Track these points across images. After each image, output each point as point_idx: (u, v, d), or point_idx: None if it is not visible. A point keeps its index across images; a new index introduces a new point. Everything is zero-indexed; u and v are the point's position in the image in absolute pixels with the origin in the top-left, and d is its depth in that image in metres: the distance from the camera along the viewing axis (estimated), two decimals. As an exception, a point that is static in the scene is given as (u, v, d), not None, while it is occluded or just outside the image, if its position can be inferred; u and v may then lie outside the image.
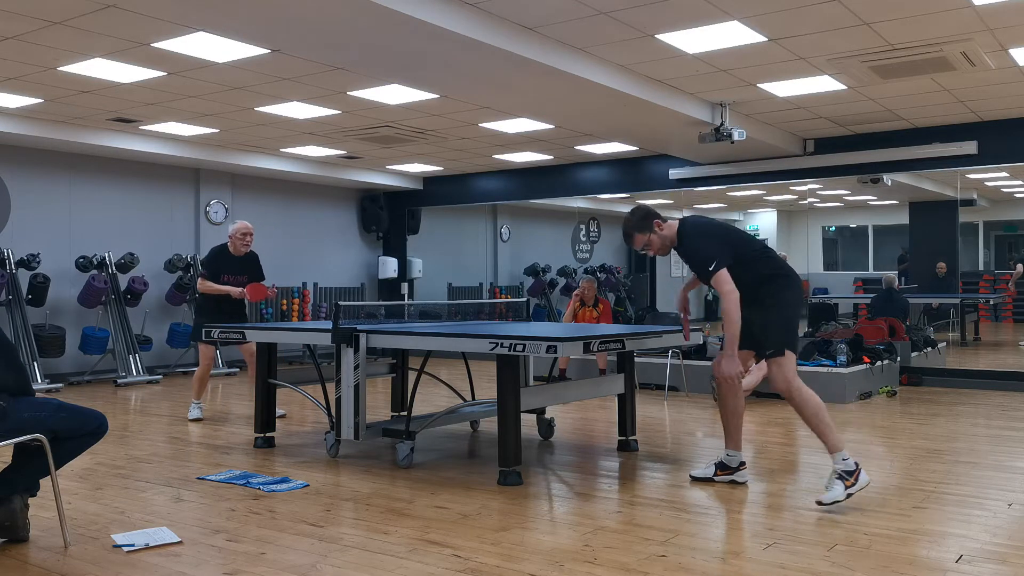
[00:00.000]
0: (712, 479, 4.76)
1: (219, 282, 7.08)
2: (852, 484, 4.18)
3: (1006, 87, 7.64)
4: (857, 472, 4.22)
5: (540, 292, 13.96)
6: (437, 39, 5.67)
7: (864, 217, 13.07)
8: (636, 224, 4.66)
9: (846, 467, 4.21)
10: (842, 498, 4.16)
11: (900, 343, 9.37)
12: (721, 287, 4.35)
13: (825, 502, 4.16)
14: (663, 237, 4.64)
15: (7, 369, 3.65)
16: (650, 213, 4.66)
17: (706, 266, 4.41)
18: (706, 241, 4.52)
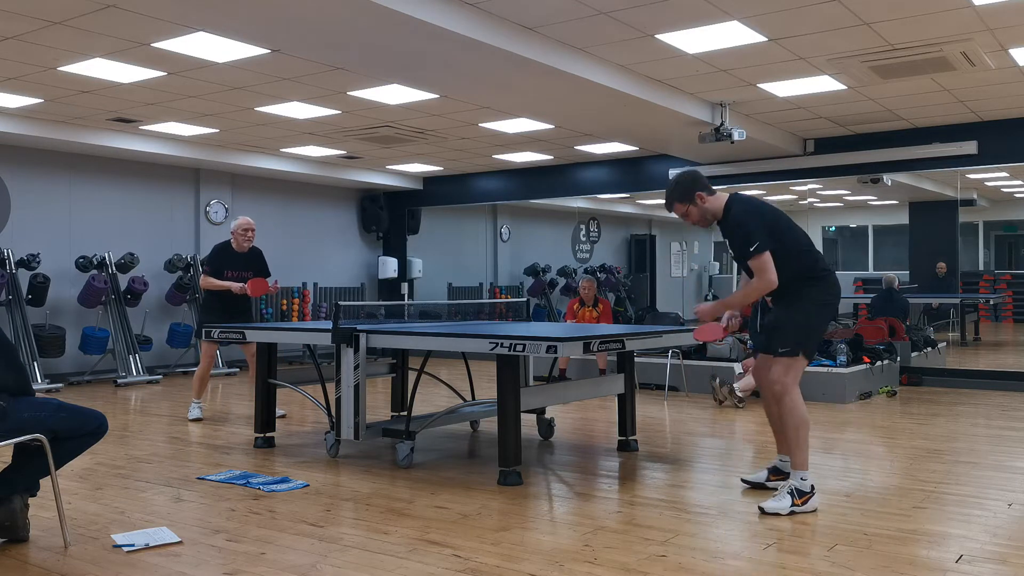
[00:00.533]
0: (764, 484, 4.60)
1: (222, 278, 7.05)
2: (800, 504, 4.11)
3: (1006, 87, 7.64)
4: (809, 496, 4.14)
5: (540, 292, 13.96)
6: (437, 39, 5.67)
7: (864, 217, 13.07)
8: (679, 193, 4.44)
9: (802, 487, 4.16)
10: (784, 513, 4.08)
11: (900, 343, 9.37)
12: (762, 271, 4.13)
13: (767, 510, 4.11)
14: (704, 209, 4.40)
15: (7, 369, 3.65)
16: (695, 184, 4.41)
17: (747, 245, 4.17)
18: (753, 219, 4.23)
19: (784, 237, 4.26)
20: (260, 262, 7.33)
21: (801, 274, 4.27)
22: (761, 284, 4.17)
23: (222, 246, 7.26)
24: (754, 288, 4.21)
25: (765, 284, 4.16)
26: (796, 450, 4.21)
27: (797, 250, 4.28)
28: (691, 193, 4.40)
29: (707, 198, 4.40)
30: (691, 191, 4.40)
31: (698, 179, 4.44)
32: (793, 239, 4.30)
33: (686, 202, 4.42)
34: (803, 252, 4.30)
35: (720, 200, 4.39)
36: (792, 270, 4.22)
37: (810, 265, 4.30)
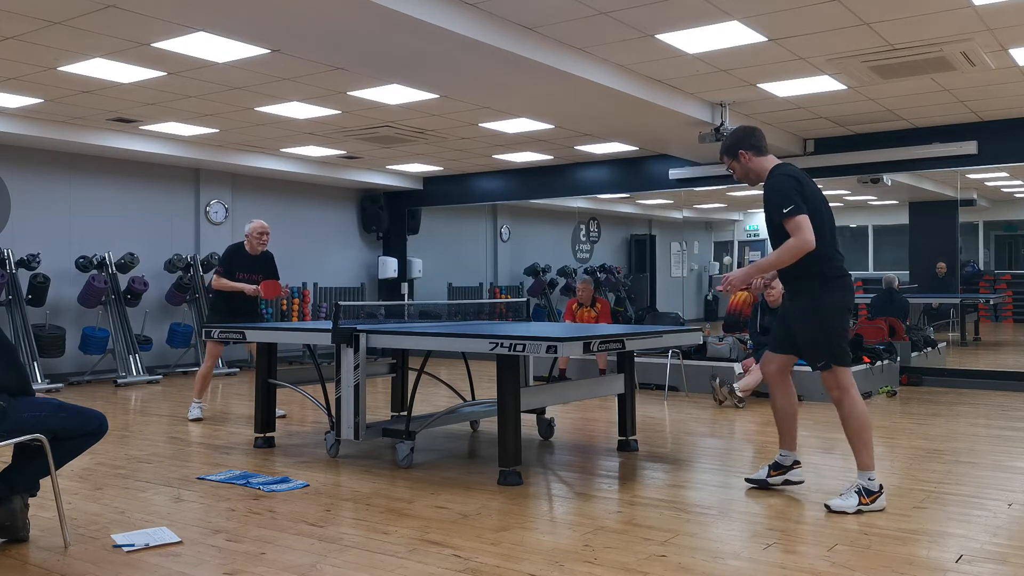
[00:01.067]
0: (766, 481, 4.63)
1: (233, 280, 7.08)
2: (867, 503, 4.14)
3: (1006, 87, 7.64)
4: (877, 495, 4.16)
5: (540, 292, 13.96)
6: (437, 39, 5.67)
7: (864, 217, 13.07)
8: (725, 147, 4.42)
9: (870, 486, 4.17)
10: (851, 511, 4.11)
11: (900, 343, 9.37)
12: (798, 230, 4.00)
13: (833, 508, 4.15)
14: (747, 168, 4.35)
15: (7, 369, 3.65)
16: (741, 142, 4.34)
17: (782, 207, 4.07)
18: (791, 184, 4.14)
19: (817, 219, 4.12)
20: (271, 265, 7.36)
21: (820, 270, 4.17)
22: (797, 243, 4.02)
23: (235, 248, 7.30)
24: (789, 247, 4.06)
25: (802, 243, 4.02)
26: (860, 451, 4.20)
27: (823, 242, 4.14)
28: (735, 149, 4.36)
29: (752, 157, 4.33)
30: (735, 148, 4.36)
31: (747, 137, 4.36)
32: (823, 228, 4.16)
33: (731, 157, 4.38)
34: (828, 247, 4.18)
35: (767, 163, 4.33)
36: (814, 260, 4.11)
37: (829, 262, 4.20)
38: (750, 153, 4.33)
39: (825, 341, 4.23)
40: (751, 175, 4.37)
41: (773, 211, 4.16)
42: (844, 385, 4.22)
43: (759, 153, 4.35)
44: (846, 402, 4.21)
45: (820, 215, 4.18)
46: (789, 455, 4.64)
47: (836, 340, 4.25)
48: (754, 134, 4.37)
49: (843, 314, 4.31)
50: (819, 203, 4.23)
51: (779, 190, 4.15)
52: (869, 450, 4.20)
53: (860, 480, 4.19)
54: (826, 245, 4.16)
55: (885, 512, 4.14)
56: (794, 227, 4.04)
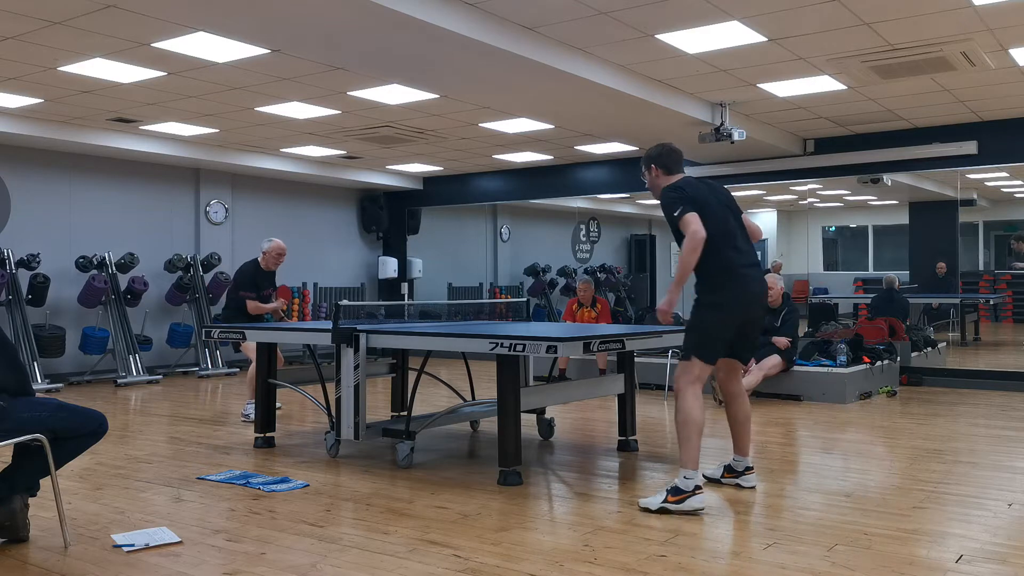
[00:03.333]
0: (720, 480, 4.75)
1: (259, 295, 7.31)
2: (675, 501, 4.08)
3: (1006, 87, 7.64)
4: (687, 496, 4.08)
5: (540, 292, 13.96)
6: (437, 39, 5.67)
7: (864, 217, 13.07)
8: (644, 158, 4.59)
9: (683, 485, 4.10)
10: (654, 508, 4.09)
11: (900, 343, 9.37)
12: (688, 225, 4.13)
13: (641, 504, 4.18)
14: (653, 183, 4.55)
15: (7, 369, 3.65)
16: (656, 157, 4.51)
17: (671, 214, 4.24)
18: (676, 193, 4.30)
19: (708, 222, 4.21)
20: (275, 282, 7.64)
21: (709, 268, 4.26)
22: (689, 241, 4.12)
23: (254, 267, 7.37)
24: (685, 248, 4.15)
25: (693, 239, 4.11)
26: (681, 446, 4.22)
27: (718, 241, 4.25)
28: (648, 163, 4.56)
29: (660, 175, 4.51)
30: (648, 161, 4.56)
31: (661, 156, 4.52)
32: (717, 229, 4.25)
33: (645, 168, 4.59)
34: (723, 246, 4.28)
35: (666, 183, 4.45)
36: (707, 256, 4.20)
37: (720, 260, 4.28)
38: (659, 171, 4.52)
39: (697, 330, 4.33)
40: (655, 190, 4.54)
41: (669, 222, 4.32)
42: (688, 379, 4.27)
43: (667, 173, 4.50)
44: (680, 398, 4.27)
45: (714, 215, 4.29)
46: (741, 461, 4.69)
47: (706, 337, 4.31)
48: (670, 155, 4.53)
49: (723, 313, 4.31)
50: (715, 206, 4.35)
51: (665, 203, 4.33)
52: (690, 448, 4.18)
53: (677, 478, 4.17)
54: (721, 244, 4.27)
55: (885, 512, 4.14)
56: (684, 225, 4.18)
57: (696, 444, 4.20)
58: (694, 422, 4.22)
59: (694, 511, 4.08)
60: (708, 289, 4.32)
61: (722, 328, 4.34)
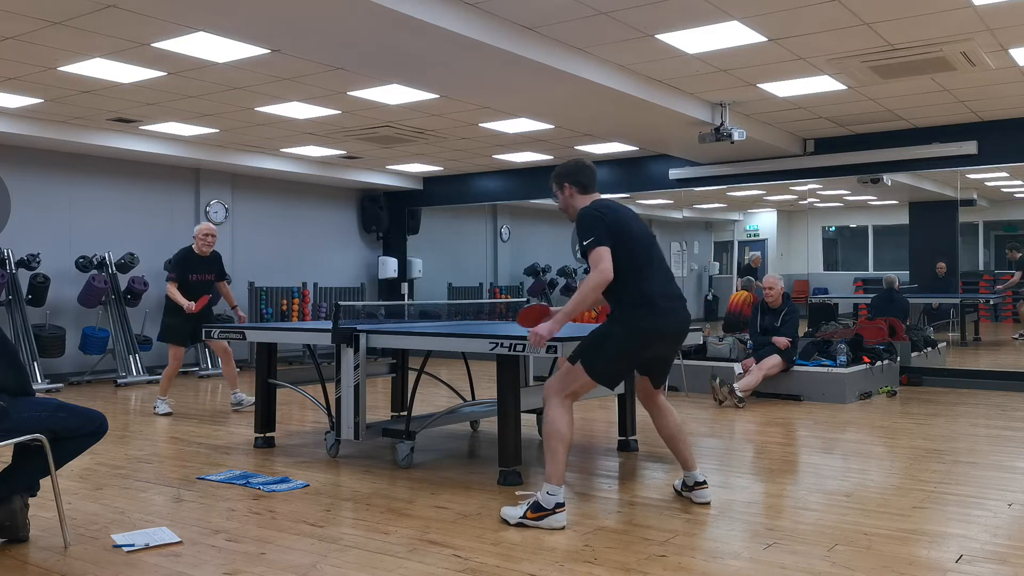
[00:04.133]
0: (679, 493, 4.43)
1: (187, 282, 7.40)
2: (533, 518, 3.88)
3: (1006, 87, 7.65)
4: (548, 514, 3.86)
5: (540, 292, 13.96)
6: (437, 39, 5.67)
7: (864, 217, 13.07)
8: (555, 175, 4.26)
9: (545, 502, 3.88)
10: (513, 521, 3.90)
11: (900, 343, 9.37)
12: (597, 262, 3.84)
13: (503, 515, 3.98)
14: (567, 202, 4.23)
15: (7, 369, 3.65)
16: (570, 175, 4.20)
17: (582, 240, 3.93)
18: (593, 220, 3.97)
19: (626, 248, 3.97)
20: (219, 266, 7.70)
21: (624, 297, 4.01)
22: (595, 277, 3.85)
23: (186, 251, 7.57)
24: (588, 283, 3.88)
25: (599, 276, 3.84)
26: (547, 459, 3.96)
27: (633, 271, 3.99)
28: (561, 180, 4.24)
29: (575, 194, 4.20)
30: (561, 179, 4.23)
31: (576, 172, 4.22)
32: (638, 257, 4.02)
33: (557, 186, 4.26)
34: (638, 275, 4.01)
35: (583, 202, 4.17)
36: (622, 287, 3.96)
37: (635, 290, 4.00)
38: (574, 189, 4.21)
39: (593, 344, 4.05)
40: (570, 210, 4.24)
41: (578, 245, 4.01)
42: (571, 391, 4.02)
43: (583, 191, 4.21)
44: (552, 407, 4.00)
45: (631, 243, 4.02)
46: (691, 475, 4.34)
47: (604, 351, 4.01)
48: (584, 171, 4.24)
49: (631, 342, 4.02)
50: (636, 232, 4.07)
51: (581, 225, 4.01)
52: (557, 463, 3.92)
53: (539, 493, 3.93)
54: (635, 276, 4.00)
55: (885, 512, 4.14)
56: (594, 259, 3.88)
57: (563, 459, 3.94)
58: (562, 436, 3.94)
59: (559, 528, 3.85)
60: (625, 313, 4.02)
61: (623, 352, 4.03)
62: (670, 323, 4.12)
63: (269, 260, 12.54)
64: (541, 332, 4.07)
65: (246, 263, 12.16)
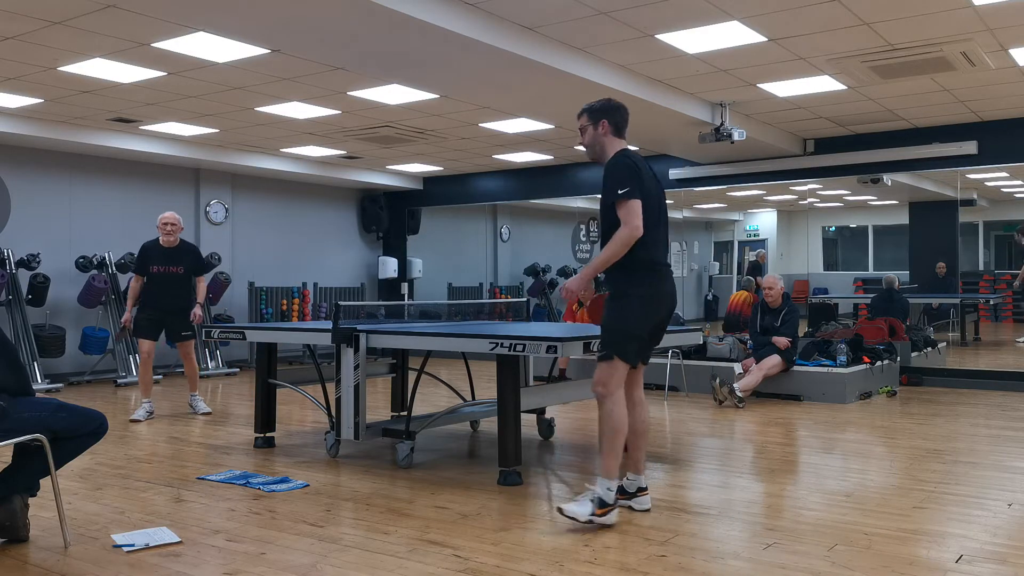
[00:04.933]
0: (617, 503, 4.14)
1: (147, 273, 7.22)
2: (600, 515, 3.86)
3: (1006, 87, 7.65)
4: (611, 509, 3.88)
5: (540, 292, 13.96)
6: (437, 39, 5.67)
7: (864, 217, 13.07)
8: (591, 109, 4.13)
9: (606, 498, 3.88)
10: (582, 520, 3.84)
11: (900, 343, 9.37)
12: (629, 217, 3.80)
13: (565, 511, 3.88)
14: (597, 138, 4.11)
15: (7, 369, 3.65)
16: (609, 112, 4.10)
17: (616, 189, 3.85)
18: (631, 171, 3.90)
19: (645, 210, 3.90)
20: (190, 258, 7.40)
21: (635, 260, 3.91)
22: (626, 231, 3.81)
23: (148, 243, 7.38)
24: (619, 238, 3.83)
25: (631, 231, 3.81)
26: (607, 457, 3.93)
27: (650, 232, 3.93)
28: (599, 116, 4.11)
29: (608, 133, 4.10)
30: (600, 114, 4.11)
31: (615, 111, 4.12)
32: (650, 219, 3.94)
33: (591, 120, 4.12)
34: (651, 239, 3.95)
35: (616, 145, 4.09)
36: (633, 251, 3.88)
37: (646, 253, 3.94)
38: (609, 128, 4.10)
39: (618, 328, 3.95)
40: (596, 148, 4.13)
41: (608, 192, 3.93)
42: (611, 385, 3.93)
43: (616, 133, 4.11)
44: (607, 403, 3.93)
45: (650, 206, 3.97)
46: (635, 480, 4.20)
47: (627, 334, 3.95)
48: (621, 112, 4.14)
49: (646, 309, 3.97)
50: (653, 196, 4.03)
51: (616, 172, 3.93)
52: (615, 458, 3.92)
53: (599, 489, 3.91)
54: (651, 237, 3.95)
55: (885, 512, 4.15)
56: (625, 212, 3.83)
57: (620, 453, 3.94)
58: (621, 431, 3.93)
59: (612, 525, 3.88)
60: (632, 282, 3.94)
61: (643, 324, 3.98)
62: (670, 290, 4.08)
63: (269, 260, 12.54)
64: (570, 287, 4.03)
65: (246, 263, 12.16)
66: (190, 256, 7.40)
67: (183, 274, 7.29)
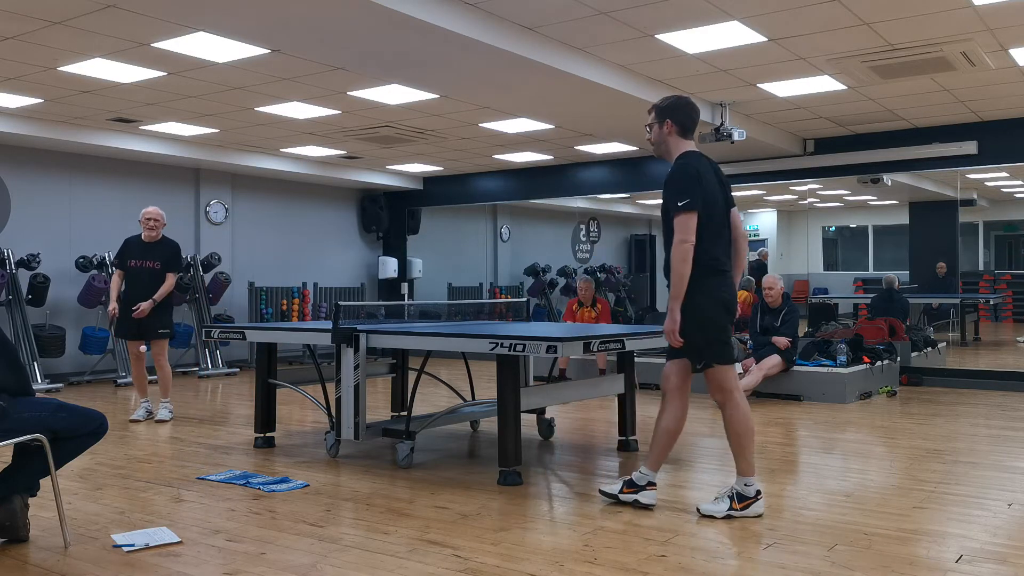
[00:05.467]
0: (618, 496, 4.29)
1: (125, 267, 7.05)
2: (738, 508, 4.03)
3: (1006, 87, 7.64)
4: (752, 501, 4.05)
5: (540, 292, 13.96)
6: (437, 39, 5.67)
7: (864, 217, 13.07)
8: (659, 107, 4.12)
9: (744, 491, 4.06)
10: (720, 516, 4.01)
11: (900, 343, 9.37)
12: (683, 229, 3.86)
13: (702, 511, 4.06)
14: (663, 138, 4.12)
15: (7, 369, 3.65)
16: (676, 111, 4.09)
17: (676, 199, 3.89)
18: (693, 179, 3.93)
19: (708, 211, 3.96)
20: (167, 254, 7.14)
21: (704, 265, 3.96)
22: (683, 250, 3.86)
23: (130, 237, 7.26)
24: (678, 257, 3.87)
25: (686, 249, 3.86)
26: (738, 458, 4.09)
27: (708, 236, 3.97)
28: (665, 115, 4.11)
29: (674, 133, 4.10)
30: (666, 114, 4.11)
31: (683, 110, 4.12)
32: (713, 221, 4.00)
33: (658, 119, 4.13)
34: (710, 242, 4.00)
35: (681, 146, 4.11)
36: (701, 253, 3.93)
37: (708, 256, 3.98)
38: (675, 128, 4.10)
39: (703, 339, 4.02)
40: (662, 147, 4.16)
41: (667, 201, 4.00)
42: (727, 388, 4.06)
43: (682, 134, 4.12)
44: (729, 406, 4.06)
45: (713, 207, 4.01)
46: (651, 474, 4.26)
47: (714, 337, 4.03)
48: (690, 111, 4.14)
49: (720, 310, 4.04)
50: (718, 202, 4.07)
51: (679, 181, 3.97)
52: (748, 457, 4.08)
53: (736, 485, 4.09)
54: (710, 240, 3.98)
55: (885, 512, 4.14)
56: (683, 224, 3.89)
57: (753, 450, 4.12)
58: (750, 431, 4.10)
59: (758, 515, 4.05)
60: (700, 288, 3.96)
61: (723, 323, 4.04)
62: (733, 291, 4.15)
63: (269, 260, 12.53)
64: (669, 328, 4.01)
65: (246, 263, 12.16)
66: (167, 251, 7.17)
67: (159, 269, 7.05)
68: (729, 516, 4.03)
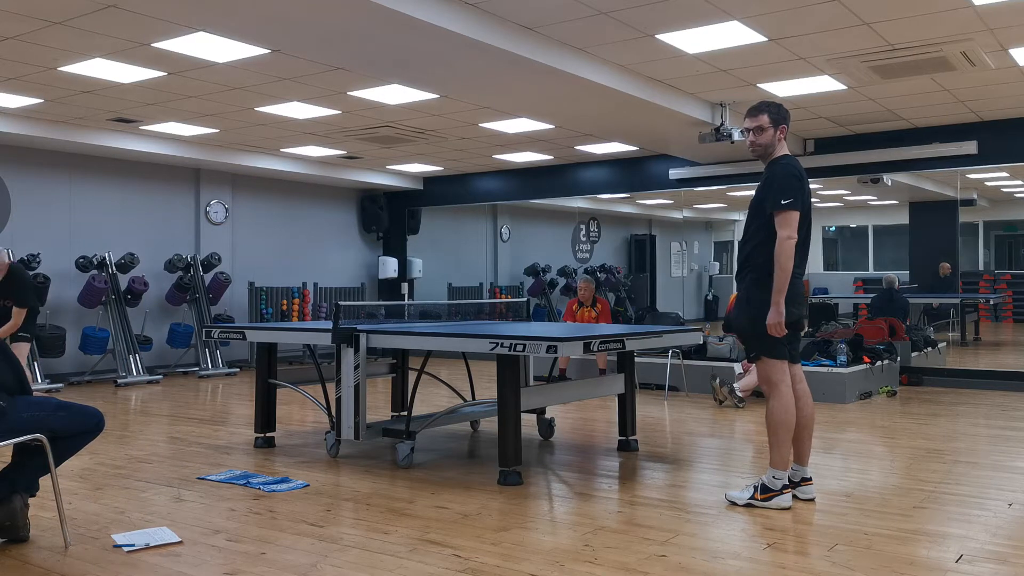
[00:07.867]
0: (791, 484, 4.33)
1: None
2: (760, 499, 4.18)
3: (1006, 87, 7.64)
4: (774, 495, 4.17)
5: (540, 292, 13.96)
6: (437, 39, 5.67)
7: (864, 217, 13.07)
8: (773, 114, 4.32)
9: (771, 484, 4.18)
10: (741, 503, 4.21)
11: (900, 343, 9.37)
12: (785, 225, 4.07)
13: (728, 497, 4.31)
14: (772, 142, 4.33)
15: (7, 369, 3.65)
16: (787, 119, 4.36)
17: (780, 198, 4.10)
18: (797, 181, 4.19)
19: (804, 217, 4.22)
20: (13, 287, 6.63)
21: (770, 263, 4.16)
22: (787, 246, 4.06)
23: None
24: (781, 252, 4.07)
25: (789, 245, 4.07)
26: (772, 448, 4.24)
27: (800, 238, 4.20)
28: (780, 122, 4.33)
29: (783, 139, 4.37)
30: (781, 120, 4.34)
31: (788, 116, 4.40)
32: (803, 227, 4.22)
33: (772, 124, 4.32)
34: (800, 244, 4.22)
35: (781, 149, 4.37)
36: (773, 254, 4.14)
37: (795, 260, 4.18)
38: (783, 134, 4.36)
39: (757, 332, 4.21)
40: (768, 150, 4.36)
41: (772, 197, 4.16)
42: (773, 380, 4.24)
43: (784, 139, 4.40)
44: (771, 400, 4.24)
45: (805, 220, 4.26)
46: (800, 470, 4.38)
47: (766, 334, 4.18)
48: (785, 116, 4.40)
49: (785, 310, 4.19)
50: (810, 202, 4.35)
51: (786, 181, 4.19)
52: (782, 450, 4.20)
53: (764, 476, 4.24)
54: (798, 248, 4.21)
55: (885, 512, 4.14)
56: (782, 220, 4.10)
57: (788, 445, 4.21)
58: (786, 424, 4.18)
59: (785, 508, 4.14)
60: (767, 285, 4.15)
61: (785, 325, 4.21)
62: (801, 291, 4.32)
63: (269, 260, 12.54)
64: (772, 321, 4.13)
65: (246, 263, 12.16)
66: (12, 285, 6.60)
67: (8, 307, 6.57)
68: (750, 505, 4.17)
